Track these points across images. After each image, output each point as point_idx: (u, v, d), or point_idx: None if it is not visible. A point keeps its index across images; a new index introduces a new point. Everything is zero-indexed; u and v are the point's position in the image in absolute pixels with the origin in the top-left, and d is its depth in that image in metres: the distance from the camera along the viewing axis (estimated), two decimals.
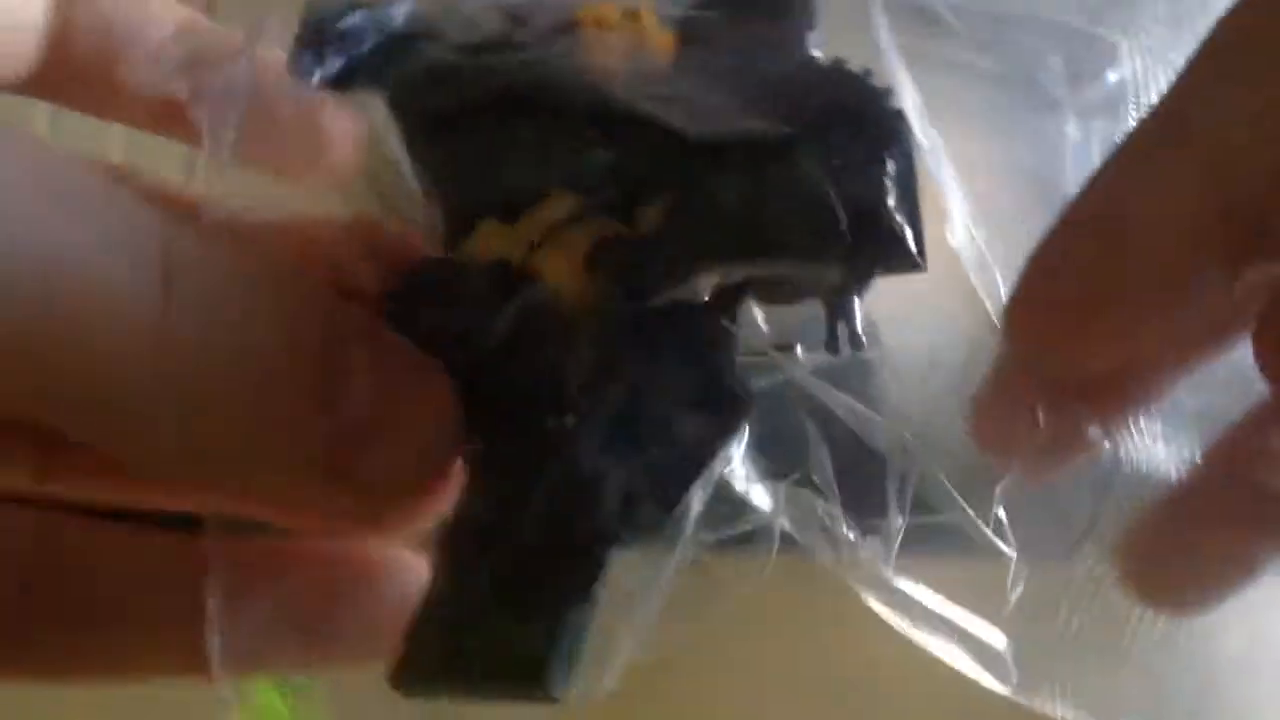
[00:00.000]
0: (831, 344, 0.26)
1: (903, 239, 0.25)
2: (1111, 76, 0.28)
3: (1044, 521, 0.27)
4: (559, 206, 0.25)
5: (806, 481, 0.26)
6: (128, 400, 0.20)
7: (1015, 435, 0.25)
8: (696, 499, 0.25)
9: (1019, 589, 0.26)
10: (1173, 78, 0.24)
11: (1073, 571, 0.26)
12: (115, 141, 0.28)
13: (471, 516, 0.24)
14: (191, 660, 0.23)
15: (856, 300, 0.26)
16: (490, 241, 0.25)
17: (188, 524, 0.24)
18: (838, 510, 0.26)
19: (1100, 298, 0.23)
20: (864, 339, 0.26)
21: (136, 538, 0.25)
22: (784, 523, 0.26)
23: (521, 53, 0.25)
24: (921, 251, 0.25)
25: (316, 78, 0.25)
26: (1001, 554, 0.26)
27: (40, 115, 0.28)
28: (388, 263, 0.25)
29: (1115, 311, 0.23)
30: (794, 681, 0.43)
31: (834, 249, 0.24)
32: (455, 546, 0.24)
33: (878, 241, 0.25)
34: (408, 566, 0.26)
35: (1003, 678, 0.26)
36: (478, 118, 0.25)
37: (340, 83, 0.25)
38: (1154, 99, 0.25)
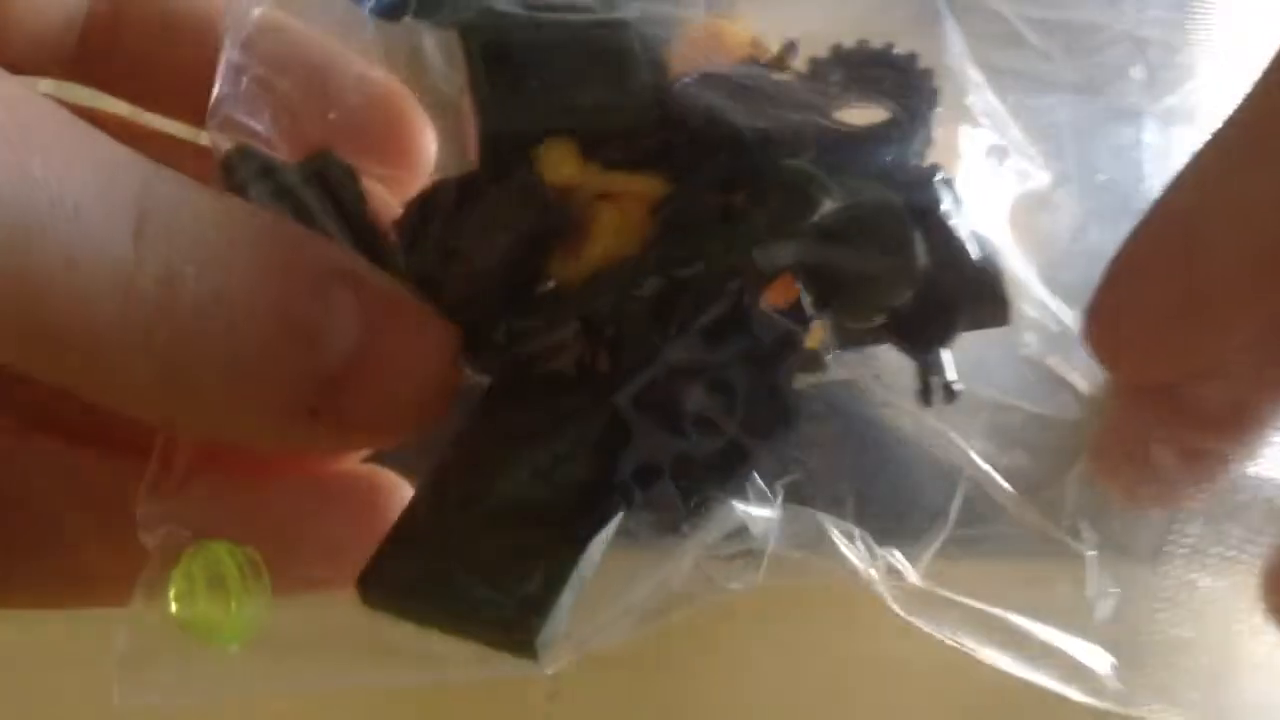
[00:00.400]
0: (924, 395, 0.25)
1: (998, 295, 0.25)
2: (1190, 85, 0.28)
3: (1118, 524, 0.25)
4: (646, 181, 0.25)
5: (805, 490, 0.24)
6: (99, 344, 0.20)
7: (1136, 471, 0.24)
8: (718, 513, 0.23)
9: (1108, 599, 0.24)
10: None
11: (1159, 576, 0.24)
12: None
13: (479, 438, 0.23)
14: (129, 587, 0.22)
15: (946, 353, 0.25)
16: (561, 160, 0.24)
17: None
18: (852, 525, 0.24)
19: (1174, 308, 0.23)
20: (957, 390, 0.25)
21: (73, 456, 0.24)
22: (780, 545, 0.24)
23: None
24: (1009, 306, 0.25)
25: (369, 4, 0.25)
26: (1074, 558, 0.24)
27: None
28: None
29: (1189, 323, 0.23)
30: (793, 667, 0.39)
31: (909, 260, 0.24)
32: (455, 466, 0.23)
33: (974, 298, 0.25)
34: (384, 486, 0.25)
35: (1095, 691, 0.23)
36: (547, 58, 0.25)
37: (393, 12, 0.26)
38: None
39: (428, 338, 0.23)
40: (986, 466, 0.25)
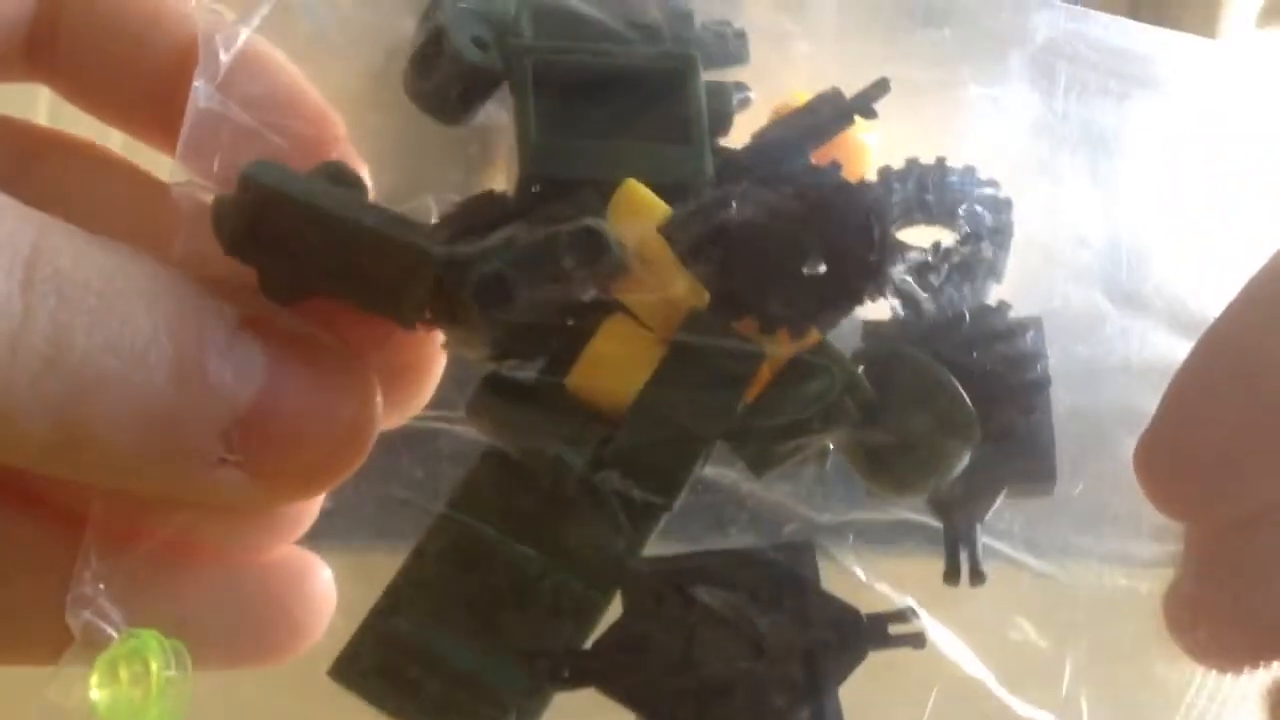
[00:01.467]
0: (951, 573, 0.23)
1: (1049, 464, 0.23)
2: None
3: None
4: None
5: None
6: None
7: (1208, 630, 0.23)
8: None
9: None
10: None
11: None
12: (115, 135, 0.27)
13: (471, 535, 0.23)
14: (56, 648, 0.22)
15: (980, 528, 0.24)
16: (634, 214, 0.22)
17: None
18: None
19: (1237, 448, 0.22)
20: (984, 574, 0.23)
21: (10, 517, 0.24)
22: None
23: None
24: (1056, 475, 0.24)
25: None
26: None
27: (41, 108, 0.27)
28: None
29: (1254, 463, 0.22)
30: None
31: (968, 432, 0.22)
32: (443, 560, 0.23)
33: (1024, 466, 0.23)
34: (304, 569, 0.25)
35: None
36: (601, 94, 0.24)
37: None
38: None
39: (341, 384, 0.22)
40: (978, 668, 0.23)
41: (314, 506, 0.25)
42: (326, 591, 0.25)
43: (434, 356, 0.25)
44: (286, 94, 0.24)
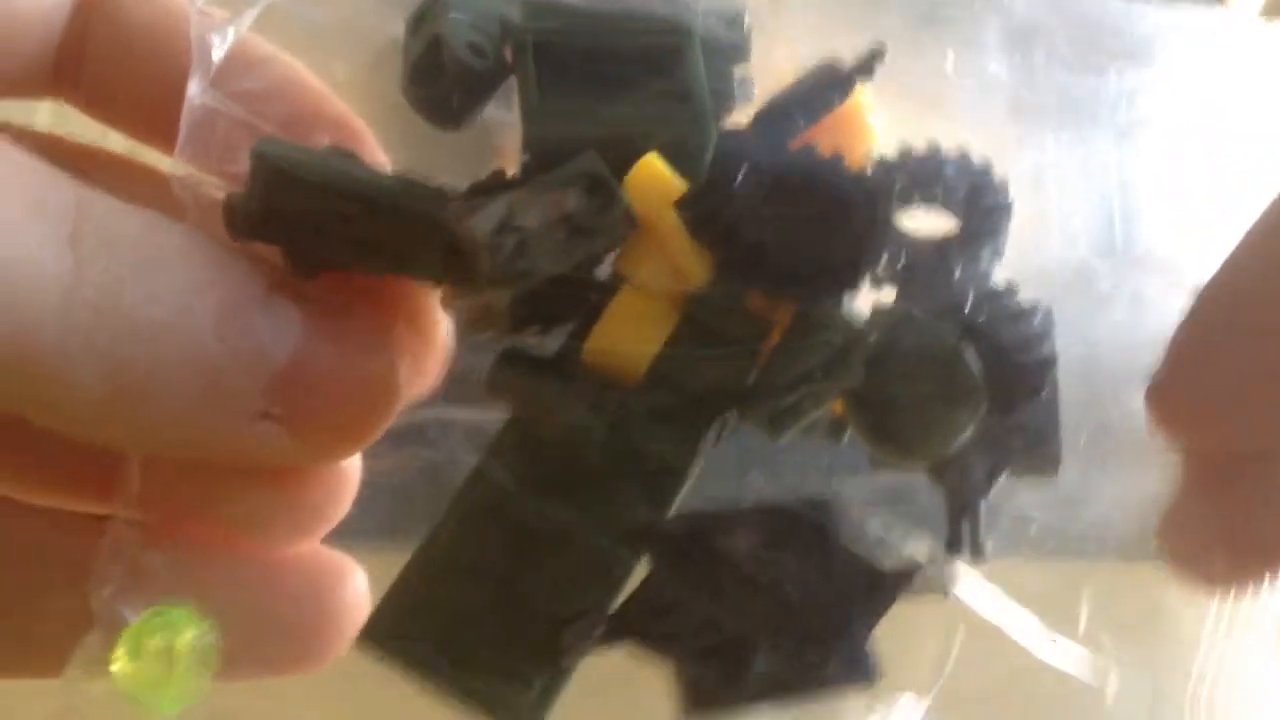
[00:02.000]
0: (954, 544, 0.23)
1: (1053, 447, 0.24)
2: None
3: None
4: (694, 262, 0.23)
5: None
6: (43, 356, 0.19)
7: (1205, 553, 0.23)
8: None
9: None
10: None
11: None
12: (117, 139, 0.27)
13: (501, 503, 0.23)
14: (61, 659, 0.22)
15: (984, 505, 0.24)
16: (650, 186, 0.23)
17: None
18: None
19: (1245, 383, 0.22)
20: (986, 551, 0.24)
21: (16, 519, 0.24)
22: None
23: None
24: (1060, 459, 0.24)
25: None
26: None
27: (43, 110, 0.28)
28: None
29: (1262, 397, 0.22)
30: None
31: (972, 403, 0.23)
32: (478, 527, 0.23)
33: (1028, 446, 0.24)
34: (336, 569, 0.24)
35: None
36: (602, 66, 0.24)
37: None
38: None
39: (368, 343, 0.23)
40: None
41: (343, 501, 0.25)
42: (361, 593, 0.24)
43: (438, 326, 0.25)
44: (285, 85, 0.25)
